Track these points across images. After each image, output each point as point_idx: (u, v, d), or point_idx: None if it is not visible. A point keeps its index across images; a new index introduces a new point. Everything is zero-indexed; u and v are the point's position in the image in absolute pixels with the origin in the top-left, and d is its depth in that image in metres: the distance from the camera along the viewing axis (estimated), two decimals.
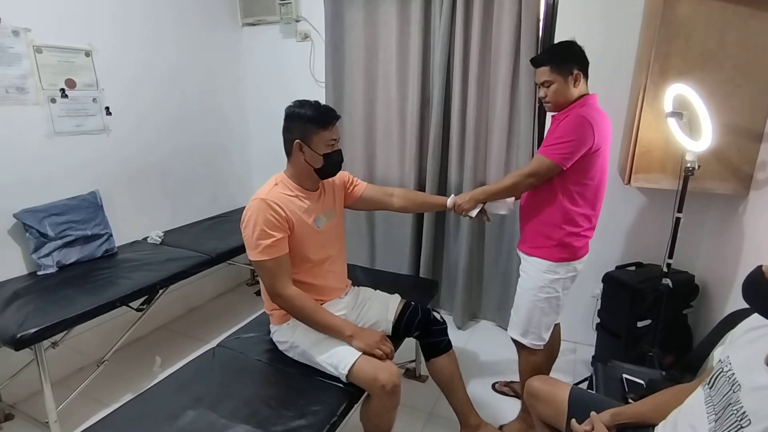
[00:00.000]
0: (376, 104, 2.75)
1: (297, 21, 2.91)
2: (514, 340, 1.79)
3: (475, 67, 2.38)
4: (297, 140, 1.47)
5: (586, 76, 1.59)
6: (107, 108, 2.36)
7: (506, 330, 1.90)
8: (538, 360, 1.76)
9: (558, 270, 1.64)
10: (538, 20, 2.24)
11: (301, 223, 1.50)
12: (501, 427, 1.85)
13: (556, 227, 1.61)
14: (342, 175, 1.73)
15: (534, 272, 1.67)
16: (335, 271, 1.66)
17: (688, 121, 1.63)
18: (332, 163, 1.53)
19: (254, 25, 3.09)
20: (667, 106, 1.68)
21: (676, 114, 1.63)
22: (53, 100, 2.14)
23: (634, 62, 2.09)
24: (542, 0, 2.22)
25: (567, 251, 1.63)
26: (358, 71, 2.72)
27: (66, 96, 2.18)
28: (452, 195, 1.81)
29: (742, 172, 1.73)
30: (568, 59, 1.55)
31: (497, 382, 2.19)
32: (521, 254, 1.75)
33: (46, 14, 2.08)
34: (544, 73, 1.57)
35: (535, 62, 1.61)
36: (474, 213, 1.75)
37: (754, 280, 0.87)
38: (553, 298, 1.68)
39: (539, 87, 1.62)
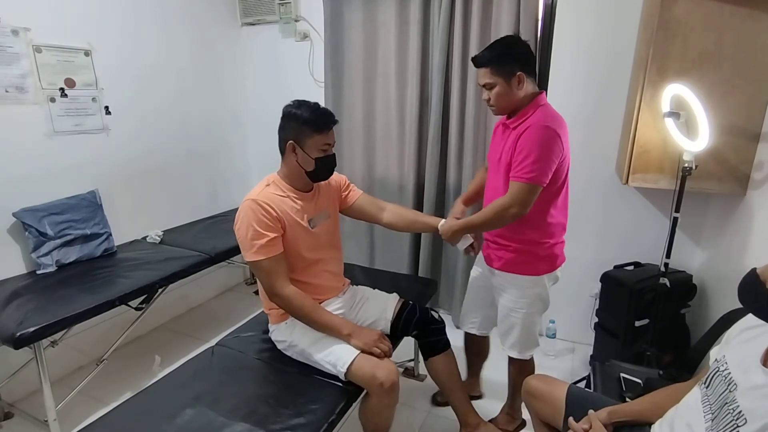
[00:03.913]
0: (375, 104, 2.75)
1: (296, 21, 2.91)
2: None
3: (474, 67, 2.38)
4: (291, 141, 1.46)
5: (532, 75, 1.49)
6: (107, 107, 2.37)
7: None
8: (531, 364, 1.74)
9: (545, 282, 1.61)
10: (537, 20, 2.25)
11: (294, 223, 1.49)
12: (491, 421, 1.84)
13: (535, 243, 1.55)
14: (339, 178, 1.72)
15: (518, 290, 1.61)
16: (331, 271, 1.66)
17: (686, 121, 1.64)
18: (324, 167, 1.52)
19: (253, 24, 3.09)
20: (665, 106, 1.68)
21: (674, 114, 1.64)
22: (53, 100, 2.14)
23: (632, 62, 2.10)
24: (541, 0, 2.23)
25: (549, 263, 1.59)
26: (357, 71, 2.73)
27: (65, 95, 2.18)
28: (443, 221, 1.66)
29: (739, 172, 1.74)
30: (509, 60, 1.44)
31: (438, 393, 2.03)
32: (498, 272, 1.63)
33: (46, 14, 2.08)
34: (485, 74, 1.47)
35: (476, 62, 1.49)
36: (462, 246, 1.65)
37: (748, 283, 0.88)
38: (543, 307, 1.66)
39: (482, 89, 1.51)
